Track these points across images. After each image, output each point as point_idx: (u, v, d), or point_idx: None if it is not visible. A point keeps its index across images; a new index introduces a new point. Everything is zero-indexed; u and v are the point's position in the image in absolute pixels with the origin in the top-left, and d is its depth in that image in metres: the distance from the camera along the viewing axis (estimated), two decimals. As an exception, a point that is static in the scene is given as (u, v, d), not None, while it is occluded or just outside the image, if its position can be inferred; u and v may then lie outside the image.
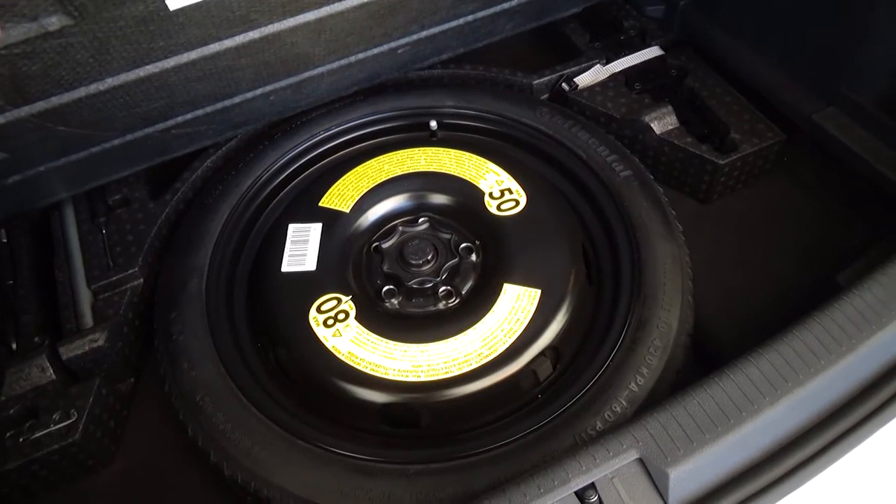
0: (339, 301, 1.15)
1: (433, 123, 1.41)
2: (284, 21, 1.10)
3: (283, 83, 1.25)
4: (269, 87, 1.24)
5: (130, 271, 1.24)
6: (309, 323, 1.12)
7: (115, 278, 1.23)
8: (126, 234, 1.29)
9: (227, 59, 1.10)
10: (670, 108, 1.41)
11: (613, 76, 1.51)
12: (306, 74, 1.25)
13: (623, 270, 1.18)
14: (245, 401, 1.05)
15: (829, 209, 1.35)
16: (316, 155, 1.40)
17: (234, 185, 1.32)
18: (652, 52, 1.55)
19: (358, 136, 1.43)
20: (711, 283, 1.23)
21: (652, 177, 1.29)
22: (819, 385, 0.85)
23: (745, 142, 1.36)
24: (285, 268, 1.20)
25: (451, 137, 1.42)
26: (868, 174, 1.21)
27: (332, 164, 1.39)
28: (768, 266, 1.28)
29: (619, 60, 1.53)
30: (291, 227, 1.25)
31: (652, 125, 1.40)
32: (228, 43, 1.07)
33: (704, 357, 1.16)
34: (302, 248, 1.22)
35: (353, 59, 1.28)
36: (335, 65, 1.27)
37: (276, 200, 1.36)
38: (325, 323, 1.12)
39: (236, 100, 1.23)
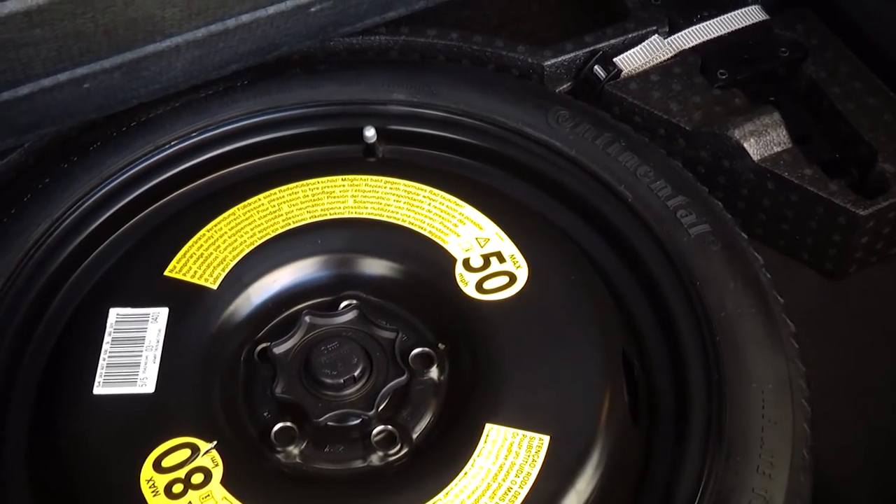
0: (196, 450, 1.15)
1: (370, 132, 1.43)
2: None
3: (108, 63, 1.26)
4: (82, 70, 1.25)
5: None
6: (139, 490, 1.12)
7: None
8: None
9: (12, 30, 1.11)
10: (777, 114, 1.45)
11: (682, 55, 1.56)
12: (149, 49, 1.27)
13: (693, 401, 1.19)
14: None
15: None
16: (161, 184, 1.41)
17: (13, 236, 1.32)
18: (748, 14, 1.59)
19: (237, 150, 1.45)
20: (844, 424, 1.26)
21: (745, 235, 1.33)
22: None
23: (904, 177, 1.41)
24: (101, 388, 1.20)
25: (401, 158, 1.44)
26: None
27: (189, 202, 1.40)
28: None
29: (690, 28, 1.57)
30: (114, 315, 1.26)
31: (746, 144, 1.44)
32: (14, 5, 1.08)
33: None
34: (132, 353, 1.22)
35: (231, 22, 1.30)
36: (200, 32, 1.29)
37: (85, 264, 1.36)
38: (168, 490, 1.11)
39: (23, 90, 1.24)
